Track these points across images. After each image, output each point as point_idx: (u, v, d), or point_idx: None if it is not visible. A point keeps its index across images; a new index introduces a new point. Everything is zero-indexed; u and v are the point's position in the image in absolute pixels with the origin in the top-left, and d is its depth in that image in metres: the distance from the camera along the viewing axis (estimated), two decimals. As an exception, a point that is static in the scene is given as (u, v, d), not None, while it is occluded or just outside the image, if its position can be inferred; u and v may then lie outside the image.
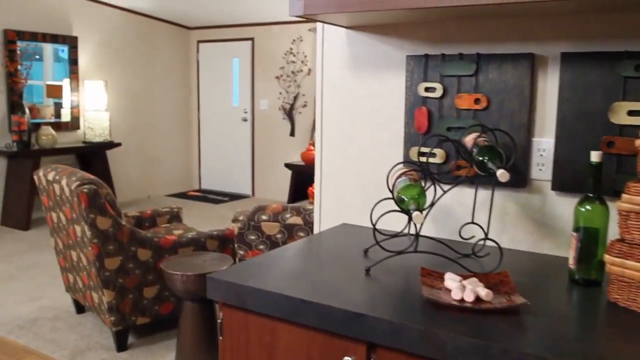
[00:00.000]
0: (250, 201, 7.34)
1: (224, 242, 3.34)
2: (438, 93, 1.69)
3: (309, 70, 6.93)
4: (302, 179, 6.53)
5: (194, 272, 2.68)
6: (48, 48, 6.12)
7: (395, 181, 1.50)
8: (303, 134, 7.08)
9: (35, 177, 3.37)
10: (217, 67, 7.70)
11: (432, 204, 1.44)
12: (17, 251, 4.94)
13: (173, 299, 3.20)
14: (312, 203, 4.69)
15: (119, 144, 6.49)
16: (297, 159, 7.12)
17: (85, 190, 2.83)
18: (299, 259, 1.51)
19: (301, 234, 2.28)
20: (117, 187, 6.87)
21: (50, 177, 3.15)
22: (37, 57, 6.05)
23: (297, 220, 2.24)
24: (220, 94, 7.70)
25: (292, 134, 7.17)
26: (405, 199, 1.39)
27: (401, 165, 1.59)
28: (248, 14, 6.89)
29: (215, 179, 7.93)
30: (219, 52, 7.65)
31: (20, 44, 5.78)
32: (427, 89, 1.71)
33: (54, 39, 6.10)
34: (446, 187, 1.65)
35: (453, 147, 1.67)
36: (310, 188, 4.55)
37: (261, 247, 2.35)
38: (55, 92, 6.31)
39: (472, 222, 1.58)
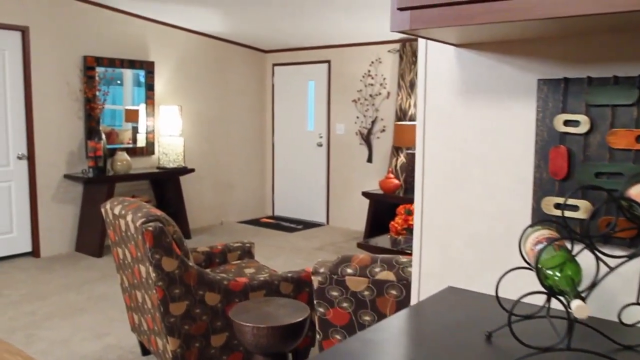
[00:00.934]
0: (325, 229, 7.03)
1: (300, 286, 3.02)
2: (583, 128, 1.29)
3: (388, 93, 6.58)
4: (380, 209, 6.16)
5: (266, 323, 2.37)
6: (127, 73, 6.12)
7: (533, 247, 1.12)
8: (381, 160, 6.72)
9: (102, 210, 3.19)
10: (292, 91, 7.51)
11: (594, 285, 1.05)
12: (88, 280, 4.84)
13: (242, 348, 2.90)
14: (392, 238, 4.32)
15: (192, 170, 6.37)
16: (374, 187, 6.75)
17: (151, 228, 2.59)
18: (401, 346, 1.15)
19: (393, 291, 1.91)
20: (190, 213, 6.75)
21: (117, 211, 2.95)
22: (119, 82, 6.05)
23: (388, 275, 1.88)
24: (295, 118, 7.49)
25: (369, 160, 6.83)
26: (556, 277, 1.00)
27: (530, 229, 1.20)
28: (324, 35, 6.66)
29: (289, 205, 7.69)
30: (294, 75, 7.46)
31: (98, 70, 5.79)
32: (567, 123, 1.32)
33: (132, 64, 6.08)
34: (608, 260, 1.23)
35: (603, 197, 1.26)
36: (392, 222, 4.18)
37: (345, 304, 2.00)
38: (132, 116, 6.29)
39: (639, 304, 1.16)
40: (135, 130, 6.34)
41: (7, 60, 5.25)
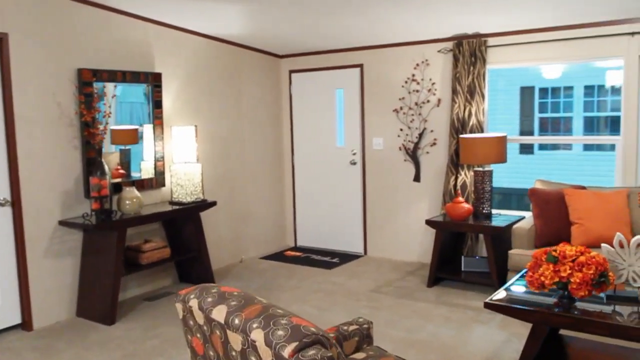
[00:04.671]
0: (366, 262, 5.99)
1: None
2: None
3: (439, 100, 5.59)
4: (444, 239, 5.15)
5: None
6: (128, 88, 4.92)
7: None
8: (432, 179, 5.72)
9: (179, 306, 2.06)
10: (315, 101, 6.42)
11: None
12: (109, 365, 3.65)
13: None
14: (532, 294, 3.28)
15: (214, 203, 5.22)
16: (424, 211, 5.75)
17: (319, 364, 1.50)
18: None
19: None
20: (209, 253, 5.58)
21: (218, 316, 1.83)
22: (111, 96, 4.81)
23: None
24: (321, 132, 6.42)
25: (416, 179, 5.82)
26: None
27: None
28: (354, 35, 5.62)
29: (314, 234, 6.61)
30: (317, 82, 6.39)
31: (96, 86, 4.59)
32: None
33: (136, 77, 4.90)
34: None
35: None
36: (531, 275, 3.15)
37: None
38: (123, 138, 5.07)
39: None
40: (124, 155, 5.14)
41: (-20, 77, 4.01)
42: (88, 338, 4.12)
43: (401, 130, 5.85)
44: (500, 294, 3.32)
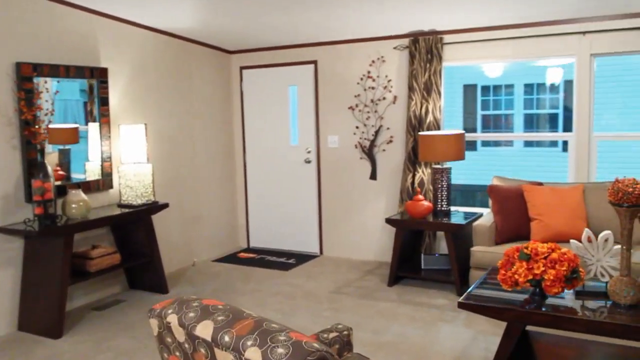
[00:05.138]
0: (322, 262, 5.88)
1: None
2: None
3: (395, 97, 5.55)
4: (406, 237, 5.11)
5: None
6: (62, 84, 4.59)
7: None
8: (389, 177, 5.68)
9: (154, 322, 1.88)
10: (268, 98, 6.25)
11: None
12: (59, 382, 3.38)
13: None
14: (508, 293, 3.23)
15: (165, 205, 4.98)
16: (381, 209, 5.70)
17: (329, 385, 1.37)
18: None
19: None
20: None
21: (203, 332, 1.67)
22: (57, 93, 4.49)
23: None
24: (274, 131, 6.25)
25: (372, 177, 5.76)
26: None
27: None
28: (308, 31, 5.50)
29: (268, 234, 6.44)
30: (269, 79, 6.22)
31: (36, 81, 4.25)
32: None
33: (80, 72, 4.58)
34: None
35: None
36: (504, 273, 3.12)
37: None
38: (61, 137, 4.74)
39: None
40: (63, 155, 4.82)
41: None
42: (33, 354, 3.81)
43: (357, 127, 5.77)
44: (472, 292, 3.28)
